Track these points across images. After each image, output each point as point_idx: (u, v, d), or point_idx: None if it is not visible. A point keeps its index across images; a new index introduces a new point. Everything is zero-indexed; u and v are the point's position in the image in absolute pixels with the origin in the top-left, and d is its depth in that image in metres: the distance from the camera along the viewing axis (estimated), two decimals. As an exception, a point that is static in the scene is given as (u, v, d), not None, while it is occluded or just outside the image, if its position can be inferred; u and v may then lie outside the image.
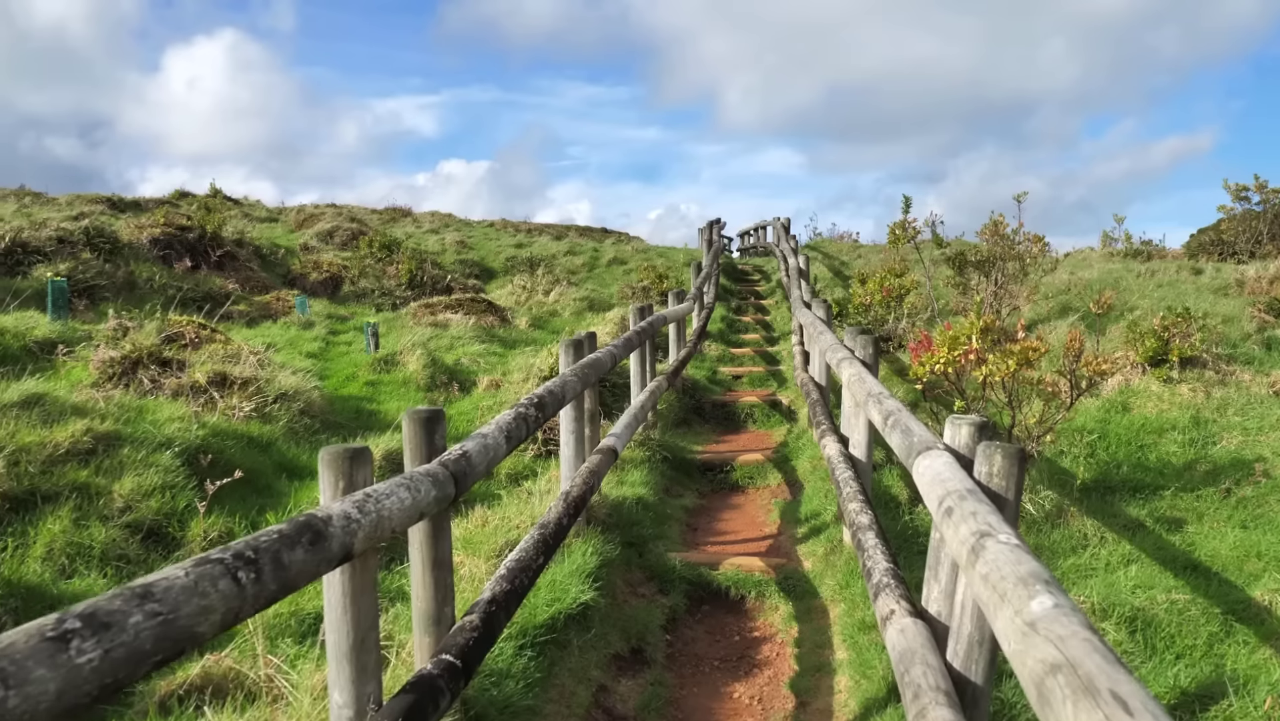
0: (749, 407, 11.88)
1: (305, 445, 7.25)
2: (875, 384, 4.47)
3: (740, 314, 17.41)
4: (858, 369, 5.06)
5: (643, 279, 18.39)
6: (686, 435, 10.52)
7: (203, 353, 7.86)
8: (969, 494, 2.48)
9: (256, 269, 16.39)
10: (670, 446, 9.18)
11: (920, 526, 6.24)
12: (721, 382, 13.47)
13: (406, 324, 13.70)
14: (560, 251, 23.40)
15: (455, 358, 11.05)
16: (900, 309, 12.78)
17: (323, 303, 15.54)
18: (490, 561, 5.04)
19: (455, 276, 18.66)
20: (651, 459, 8.36)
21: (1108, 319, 11.03)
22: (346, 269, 17.30)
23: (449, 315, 13.71)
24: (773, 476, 8.77)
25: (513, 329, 14.08)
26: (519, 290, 16.65)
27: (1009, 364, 6.42)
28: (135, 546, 4.95)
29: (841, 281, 18.90)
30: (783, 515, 7.46)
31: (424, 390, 9.50)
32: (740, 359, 14.56)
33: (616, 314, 14.62)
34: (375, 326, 10.69)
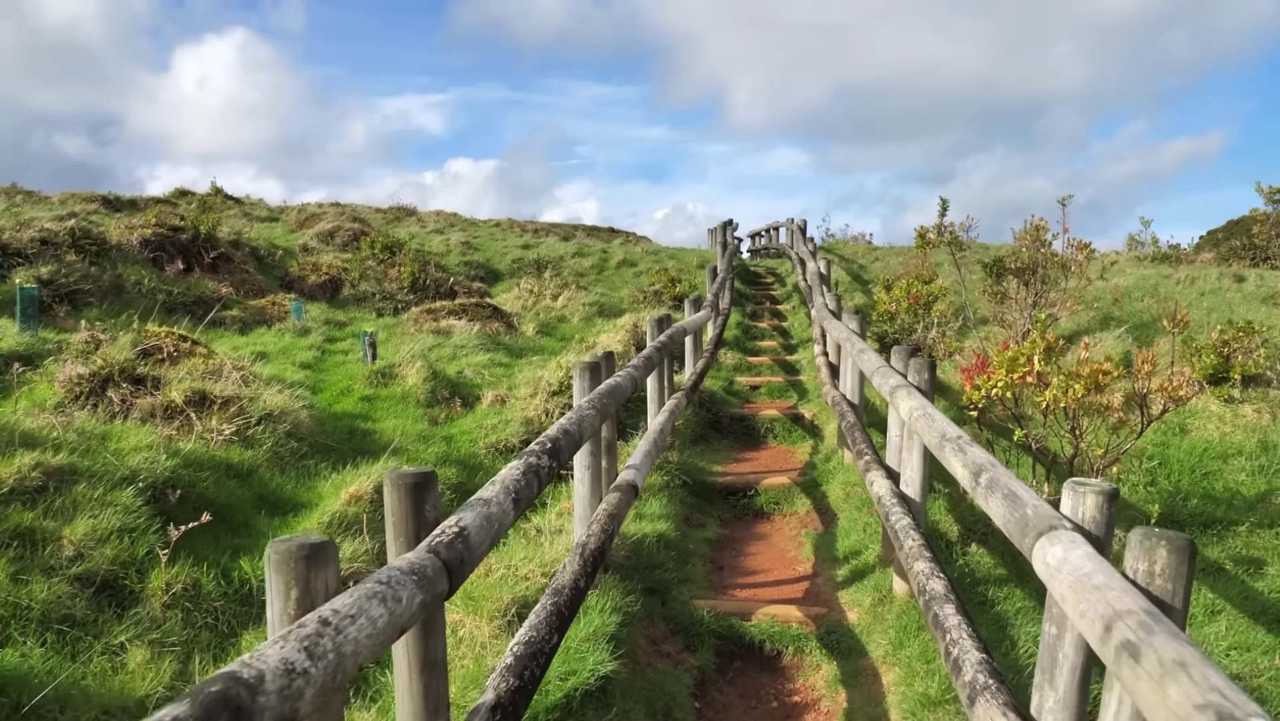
0: (769, 422, 11.19)
1: (291, 472, 6.58)
2: (948, 423, 3.78)
3: (756, 320, 16.72)
4: (919, 401, 4.37)
5: (654, 282, 17.70)
6: (705, 453, 9.84)
7: (181, 368, 7.19)
8: (1152, 622, 1.79)
9: (252, 271, 15.73)
10: (689, 468, 8.50)
11: (977, 571, 5.55)
12: (739, 394, 12.79)
13: (408, 330, 13.03)
14: (568, 253, 22.71)
15: (458, 369, 10.38)
16: (929, 317, 12.08)
17: (320, 307, 14.88)
18: (494, 623, 4.36)
19: (459, 279, 17.99)
20: (670, 484, 7.68)
21: (1155, 331, 10.33)
22: (346, 271, 16.65)
23: (452, 321, 13.04)
24: (800, 502, 8.08)
25: (519, 336, 13.41)
26: (525, 294, 15.98)
27: (1075, 388, 5.73)
28: (84, 604, 4.28)
29: (861, 286, 18.19)
30: (816, 550, 6.77)
31: (424, 406, 8.83)
32: (758, 368, 13.87)
33: (628, 320, 13.94)
34: (373, 336, 10.02)
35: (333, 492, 5.98)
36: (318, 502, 6.01)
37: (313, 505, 6.00)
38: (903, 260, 21.15)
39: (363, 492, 5.74)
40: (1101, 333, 10.05)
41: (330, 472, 6.62)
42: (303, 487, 6.33)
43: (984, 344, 10.40)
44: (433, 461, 7.38)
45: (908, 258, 21.58)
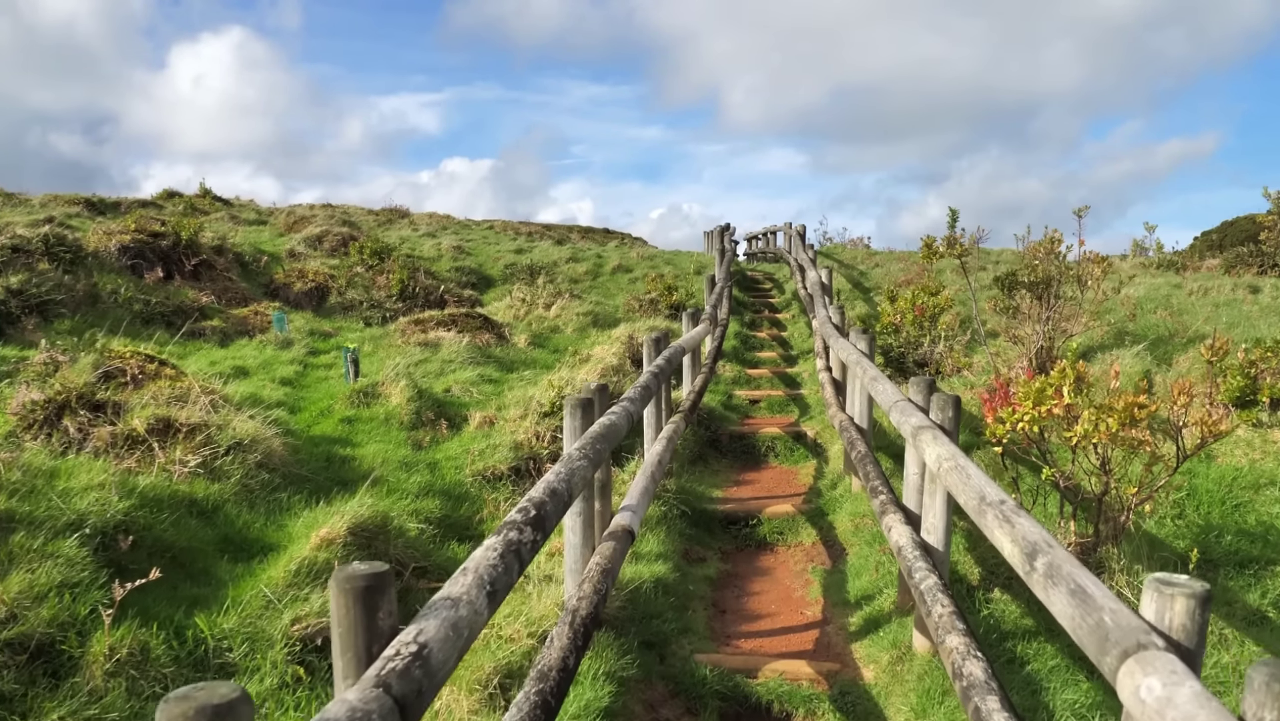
0: (770, 440, 10.75)
1: (260, 507, 6.11)
2: (987, 481, 3.34)
3: (754, 329, 16.28)
4: (948, 449, 3.93)
5: (650, 290, 17.25)
6: (704, 475, 9.39)
7: (146, 392, 6.72)
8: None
9: (236, 279, 15.24)
10: (688, 495, 8.05)
11: (1003, 623, 5.10)
12: (738, 408, 12.34)
13: (394, 342, 12.56)
14: (562, 258, 22.24)
15: (445, 386, 9.91)
16: (935, 330, 11.65)
17: (305, 316, 14.40)
18: (474, 696, 3.91)
19: (450, 286, 17.52)
20: (668, 515, 7.23)
21: (1173, 347, 9.90)
22: (334, 278, 16.16)
23: (440, 333, 12.57)
24: (805, 532, 7.64)
25: (510, 347, 12.94)
26: (517, 303, 15.51)
27: (1108, 423, 5.29)
28: (13, 676, 3.81)
29: (862, 294, 17.75)
30: (825, 590, 6.32)
31: (407, 428, 8.36)
32: (757, 381, 13.43)
33: (623, 331, 13.48)
34: (355, 353, 9.55)
35: (303, 533, 5.51)
36: (287, 544, 5.54)
37: (281, 546, 5.54)
38: (904, 267, 20.73)
39: (335, 535, 5.28)
40: (1118, 350, 9.62)
41: (304, 507, 6.15)
42: (272, 526, 5.86)
43: (994, 360, 9.96)
44: (414, 492, 6.92)
45: (909, 264, 21.16)
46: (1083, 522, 6.09)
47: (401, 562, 5.59)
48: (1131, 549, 5.85)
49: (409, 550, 5.70)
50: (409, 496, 6.77)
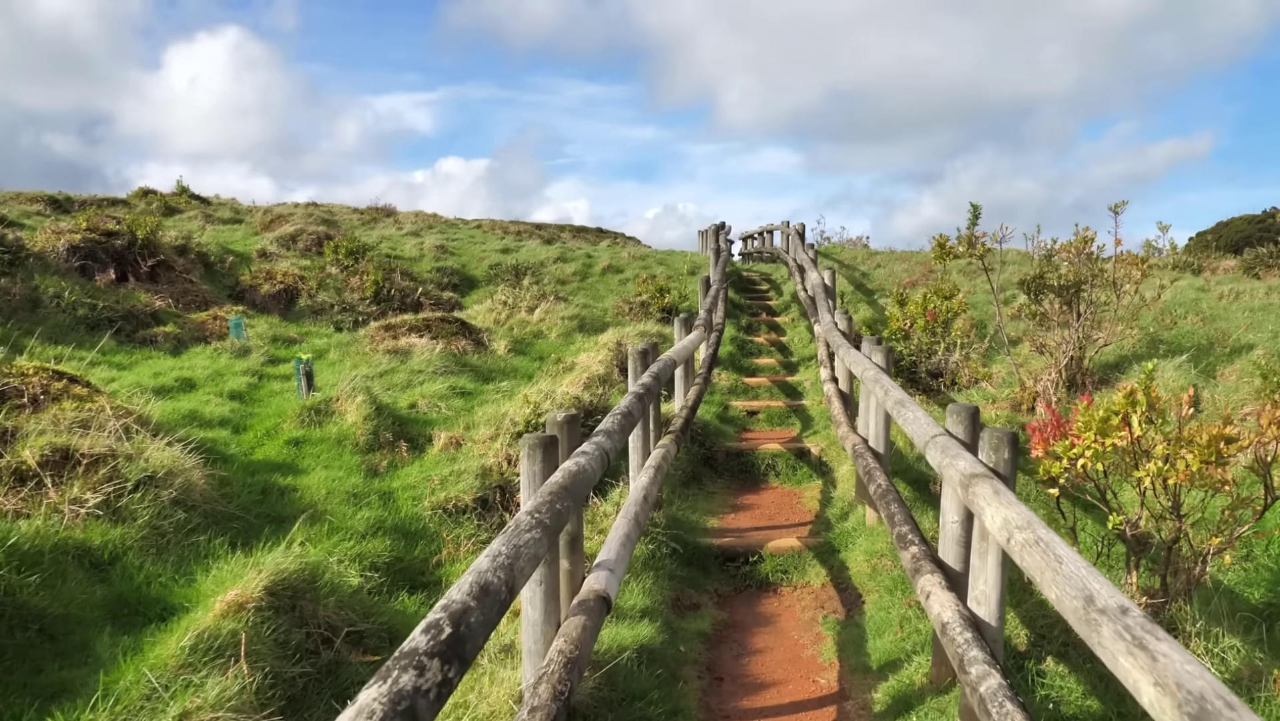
0: (770, 458, 9.81)
1: (170, 557, 5.14)
2: (1096, 578, 2.39)
3: (752, 333, 15.34)
4: (1019, 511, 2.98)
5: (640, 292, 16.30)
6: (697, 499, 8.44)
7: (46, 415, 5.75)
8: None
9: (197, 280, 14.25)
10: (679, 526, 7.10)
11: (1063, 705, 4.16)
12: (735, 421, 11.40)
13: (363, 349, 11.59)
14: (550, 258, 21.28)
15: (411, 400, 8.94)
16: (949, 336, 10.72)
17: (270, 321, 13.41)
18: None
19: (429, 288, 16.55)
20: (656, 555, 6.28)
21: (1216, 358, 8.98)
22: (304, 280, 15.18)
23: (413, 339, 11.60)
24: (813, 571, 6.69)
25: (489, 355, 11.98)
26: (499, 307, 14.53)
27: (1188, 460, 4.35)
28: None
29: (865, 296, 16.82)
30: (841, 649, 5.37)
31: (362, 451, 7.40)
32: (755, 390, 12.49)
33: (611, 337, 12.53)
34: (308, 364, 8.57)
35: (215, 590, 4.54)
36: (195, 604, 4.57)
37: (187, 608, 4.57)
38: (907, 267, 19.81)
39: (247, 598, 4.31)
40: (1158, 361, 8.68)
41: (226, 554, 5.18)
42: (180, 581, 4.89)
43: (1019, 371, 9.02)
44: (362, 530, 5.96)
45: (913, 264, 20.25)
46: (1144, 572, 5.15)
47: (332, 627, 4.62)
48: (1206, 605, 4.91)
49: (344, 610, 4.73)
50: (354, 537, 5.80)
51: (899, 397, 5.06)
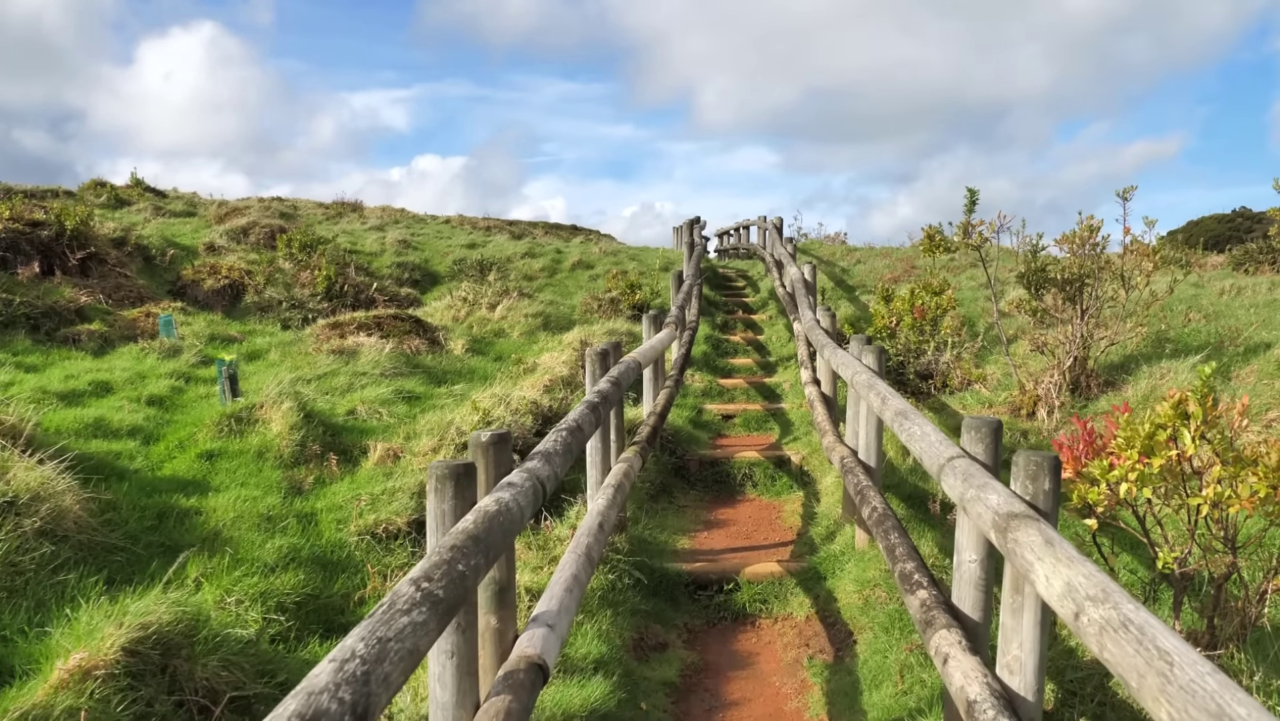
0: (747, 467, 9.02)
1: (27, 600, 4.25)
2: (1239, 701, 1.59)
3: (727, 332, 14.54)
4: (1089, 573, 2.18)
5: (611, 288, 15.47)
6: (666, 515, 7.64)
7: (-108, 429, 4.83)
8: None
9: (133, 275, 13.26)
10: (645, 549, 6.29)
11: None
12: (709, 426, 10.60)
13: (307, 349, 10.68)
14: (518, 253, 20.39)
15: (350, 406, 8.06)
16: (938, 335, 9.97)
17: (210, 318, 12.46)
18: None
19: (387, 284, 15.64)
20: (615, 586, 5.46)
21: (1229, 358, 8.27)
22: (250, 274, 14.21)
23: (361, 338, 10.71)
24: (796, 602, 5.89)
25: (444, 355, 11.11)
26: (458, 304, 13.63)
27: (1253, 484, 3.58)
28: None
29: (845, 292, 16.08)
30: (830, 701, 4.57)
31: (286, 465, 6.52)
32: (731, 392, 11.69)
33: (576, 336, 11.70)
34: (232, 366, 7.67)
35: (71, 648, 3.67)
36: (44, 663, 3.69)
37: (31, 670, 3.69)
38: (889, 263, 19.10)
39: (98, 661, 3.45)
40: (1168, 361, 7.97)
41: (100, 592, 4.31)
42: (33, 633, 4.01)
43: (1018, 372, 8.27)
44: (273, 560, 5.10)
45: (894, 260, 19.55)
46: (1192, 615, 4.40)
47: (213, 692, 3.76)
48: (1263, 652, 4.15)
49: (230, 668, 3.87)
50: (260, 570, 4.94)
51: (900, 407, 4.26)
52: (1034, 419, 7.89)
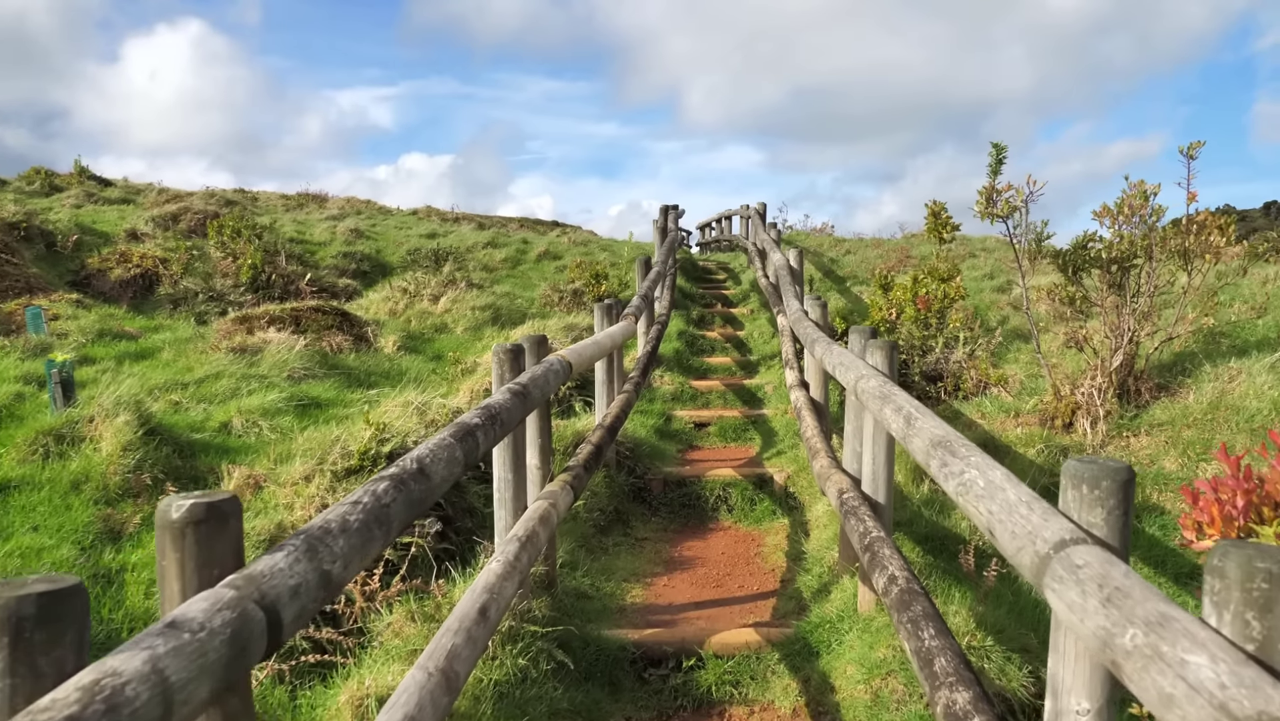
0: (722, 487, 7.52)
1: None
2: None
3: (704, 327, 13.01)
4: None
5: (574, 278, 13.92)
6: (618, 554, 6.12)
7: None
8: None
9: (24, 263, 11.62)
10: (578, 611, 4.77)
11: None
12: (679, 435, 9.08)
13: (209, 346, 9.08)
14: (479, 243, 18.82)
15: (226, 417, 6.48)
16: (946, 329, 8.48)
17: (108, 312, 10.84)
18: None
19: (323, 274, 14.04)
20: (528, 676, 3.91)
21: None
22: (166, 263, 12.58)
23: (270, 333, 9.12)
24: (779, 686, 4.35)
25: (371, 354, 9.53)
26: (397, 295, 12.04)
27: None
28: None
29: (836, 284, 14.58)
30: None
31: (109, 500, 4.94)
32: (705, 396, 10.17)
33: (528, 330, 10.14)
34: (65, 369, 6.07)
35: None
36: None
37: None
38: (880, 253, 17.65)
39: None
40: (1232, 360, 6.50)
41: None
42: None
43: (1051, 374, 6.77)
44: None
45: (885, 250, 18.10)
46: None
47: None
48: None
49: None
50: None
51: (938, 434, 2.72)
52: (1072, 431, 6.40)
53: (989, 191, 6.26)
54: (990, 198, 6.26)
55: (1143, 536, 5.05)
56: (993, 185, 6.24)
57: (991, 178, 6.24)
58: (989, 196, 6.26)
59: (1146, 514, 5.28)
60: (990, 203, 6.26)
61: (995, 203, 6.24)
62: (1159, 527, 5.13)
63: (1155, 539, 4.95)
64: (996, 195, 6.25)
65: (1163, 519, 5.22)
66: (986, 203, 6.26)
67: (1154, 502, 5.41)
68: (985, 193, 6.26)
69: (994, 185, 6.24)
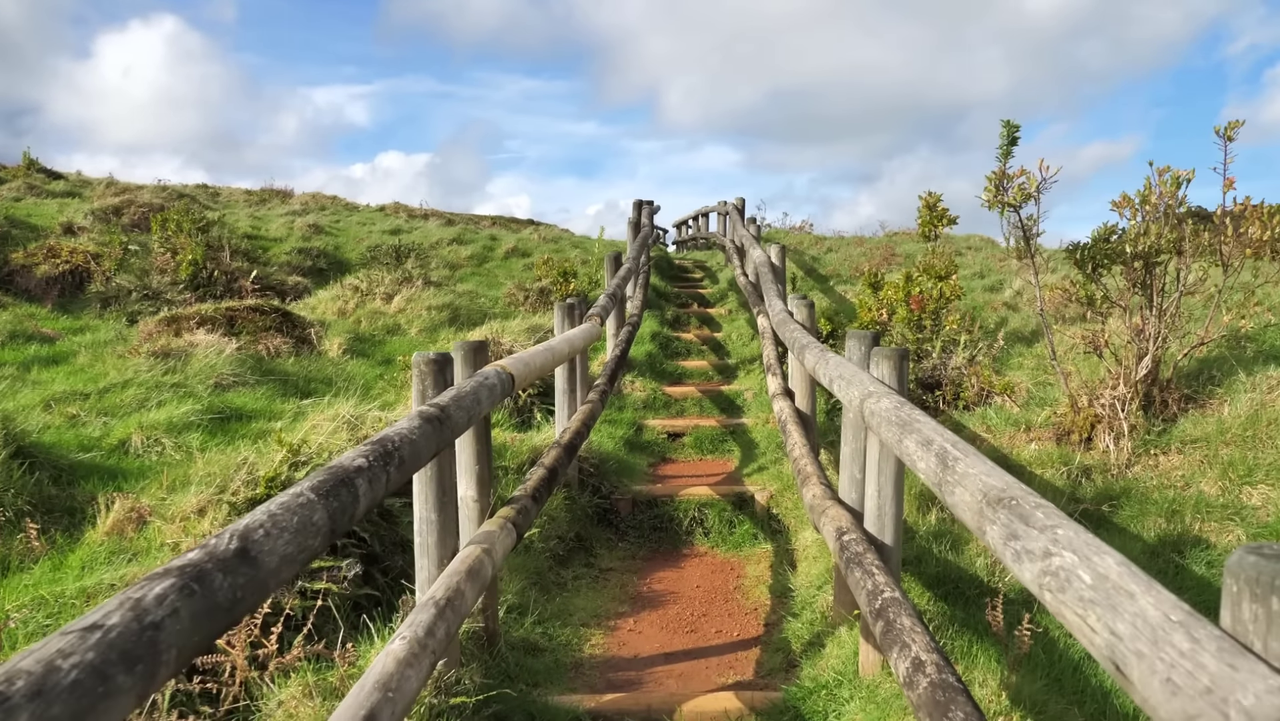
0: (697, 508, 6.75)
1: None
2: None
3: (679, 328, 12.23)
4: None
5: (541, 276, 13.10)
6: (578, 589, 5.34)
7: None
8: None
9: (-64, 258, 10.65)
10: (521, 672, 3.99)
11: None
12: (651, 447, 8.30)
13: (130, 349, 8.19)
14: (445, 239, 17.94)
15: (125, 433, 5.62)
16: (942, 332, 7.75)
17: (26, 311, 9.91)
18: None
19: (272, 270, 13.13)
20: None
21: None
22: (99, 259, 11.64)
23: (199, 335, 8.25)
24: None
25: (313, 358, 8.68)
26: (348, 293, 11.17)
27: None
28: None
29: (819, 283, 13.85)
30: None
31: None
32: (680, 404, 9.39)
33: (486, 332, 9.32)
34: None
35: None
36: None
37: None
38: (863, 250, 16.95)
39: None
40: (1274, 369, 5.80)
41: None
42: None
43: (1066, 382, 6.03)
44: None
45: (868, 248, 17.40)
46: None
47: None
48: None
49: None
50: None
51: (995, 488, 1.93)
52: (1091, 447, 5.67)
53: (999, 177, 5.50)
54: (1000, 184, 5.51)
55: (1188, 576, 4.31)
56: (1003, 170, 5.49)
57: (1002, 161, 5.49)
58: (999, 183, 5.51)
59: (1189, 547, 4.56)
60: (1000, 190, 5.50)
61: (1006, 189, 5.49)
62: (1205, 565, 4.40)
63: (1205, 580, 4.21)
64: (1008, 181, 5.50)
65: (1209, 553, 4.49)
66: (996, 190, 5.52)
67: (1195, 533, 4.69)
68: (995, 178, 5.51)
69: (1004, 170, 5.48)
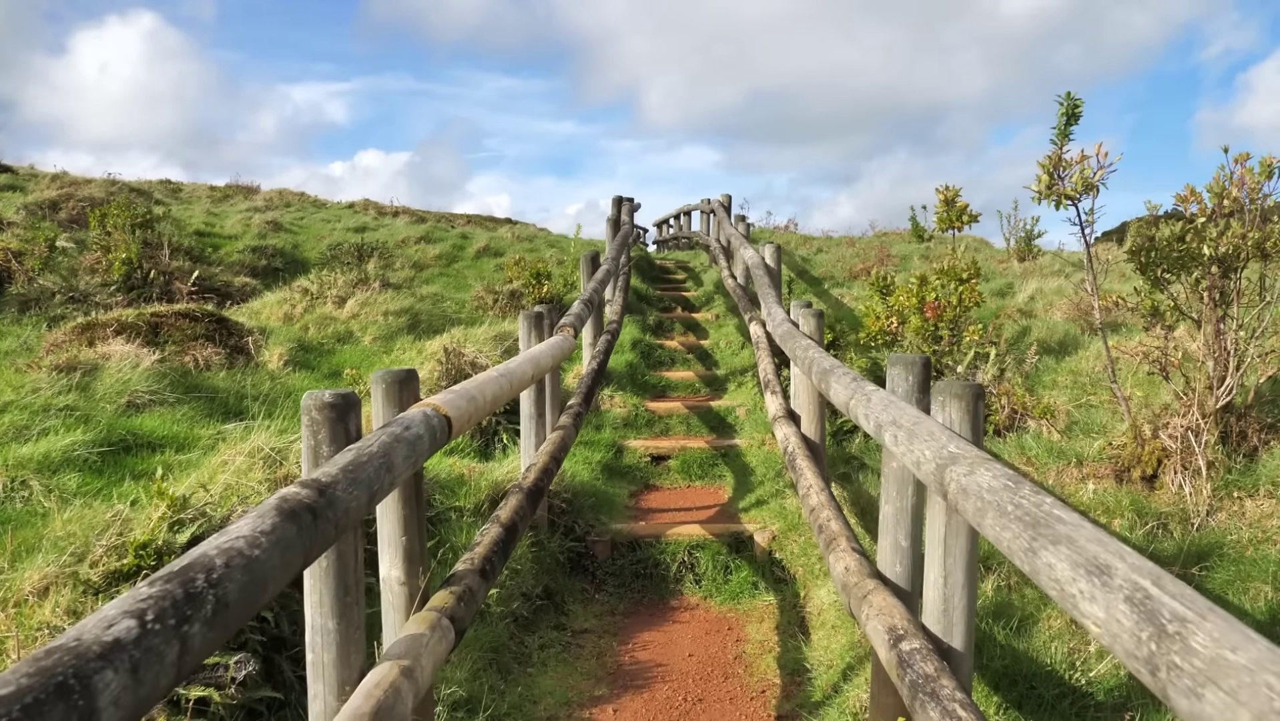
0: (687, 551, 5.79)
1: None
2: None
3: (662, 335, 11.25)
4: None
5: (513, 278, 12.09)
6: (544, 664, 4.36)
7: None
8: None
9: None
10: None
11: None
12: (631, 474, 7.33)
13: (33, 362, 7.12)
14: (412, 237, 16.89)
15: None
16: (961, 344, 6.84)
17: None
18: None
19: (217, 270, 12.05)
20: None
21: None
22: (21, 257, 10.53)
23: (115, 345, 7.20)
24: None
25: (249, 371, 7.64)
26: (296, 296, 10.11)
27: None
28: None
29: (812, 285, 12.92)
30: None
31: None
32: (665, 421, 8.43)
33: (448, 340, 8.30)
34: None
35: None
36: None
37: None
38: (856, 251, 16.05)
39: None
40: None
41: None
42: None
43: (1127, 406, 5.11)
44: None
45: (861, 248, 16.51)
46: None
47: None
48: None
49: None
50: None
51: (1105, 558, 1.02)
52: (1156, 485, 4.75)
53: (1054, 162, 4.54)
54: (1055, 171, 4.55)
55: None
56: (1059, 154, 4.53)
57: (1059, 143, 4.52)
58: (1052, 170, 4.55)
59: (1310, 626, 3.63)
60: (1055, 178, 4.55)
61: (1063, 178, 4.53)
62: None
63: None
64: (1065, 168, 4.53)
65: (1336, 634, 3.55)
66: (1050, 179, 4.57)
67: (1311, 604, 3.76)
68: (1049, 164, 4.54)
69: (1061, 154, 4.53)
